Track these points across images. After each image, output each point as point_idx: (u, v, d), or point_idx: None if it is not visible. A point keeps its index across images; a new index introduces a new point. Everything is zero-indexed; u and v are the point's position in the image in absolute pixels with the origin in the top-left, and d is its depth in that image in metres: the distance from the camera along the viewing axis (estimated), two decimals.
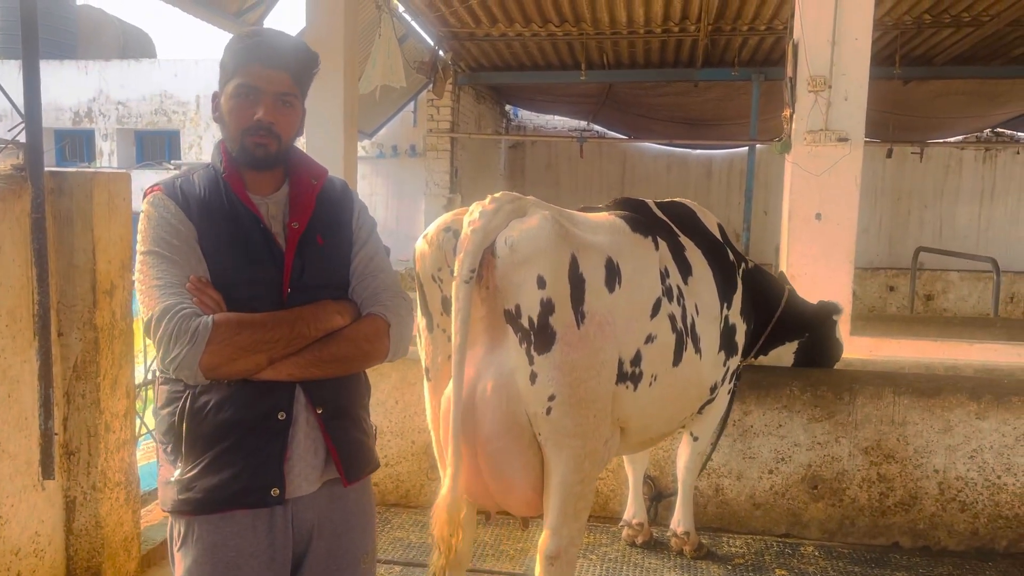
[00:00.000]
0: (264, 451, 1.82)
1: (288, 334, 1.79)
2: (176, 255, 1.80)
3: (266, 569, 1.86)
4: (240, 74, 1.84)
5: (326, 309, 1.86)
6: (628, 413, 2.78)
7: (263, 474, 1.82)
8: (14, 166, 2.94)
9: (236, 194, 1.88)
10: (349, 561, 1.99)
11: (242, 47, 1.86)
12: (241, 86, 1.84)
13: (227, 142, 1.91)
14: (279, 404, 1.83)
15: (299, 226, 1.91)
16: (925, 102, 11.06)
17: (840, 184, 5.07)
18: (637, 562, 3.96)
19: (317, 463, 1.90)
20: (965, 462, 4.12)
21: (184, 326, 1.70)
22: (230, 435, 1.80)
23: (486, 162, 13.24)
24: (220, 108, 1.90)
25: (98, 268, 3.16)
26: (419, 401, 4.40)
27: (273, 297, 1.84)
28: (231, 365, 1.75)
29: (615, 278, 2.63)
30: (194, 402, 1.81)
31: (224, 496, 1.80)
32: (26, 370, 2.91)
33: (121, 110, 15.34)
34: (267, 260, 1.86)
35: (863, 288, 11.65)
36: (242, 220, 1.87)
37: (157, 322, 1.72)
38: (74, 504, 3.21)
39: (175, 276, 1.77)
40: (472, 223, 2.48)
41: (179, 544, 1.87)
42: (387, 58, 7.30)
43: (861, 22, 5.05)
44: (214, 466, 1.80)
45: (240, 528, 1.83)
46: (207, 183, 1.89)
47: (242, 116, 1.85)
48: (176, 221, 1.83)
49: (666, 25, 9.08)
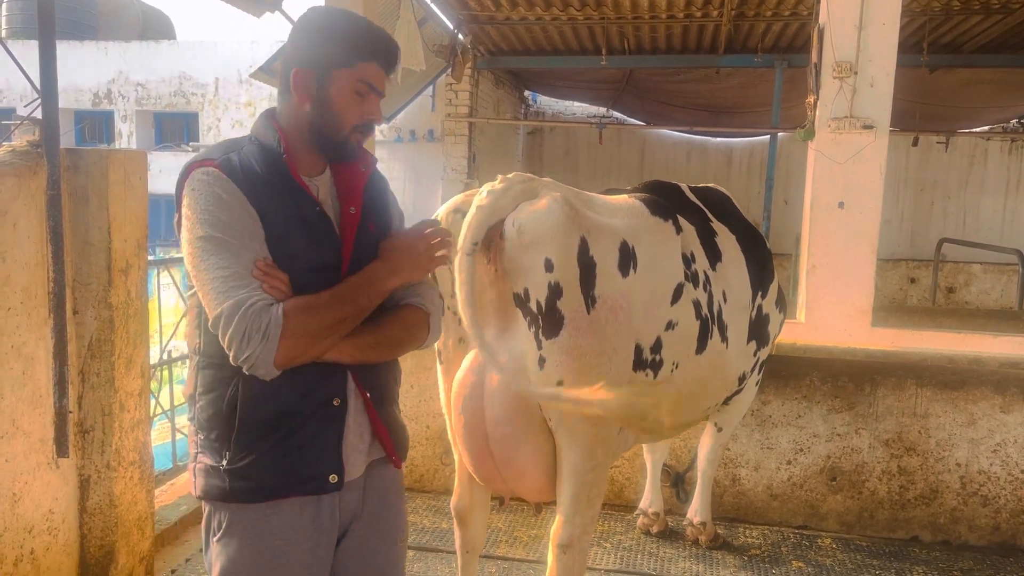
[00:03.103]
0: (323, 437, 1.80)
1: (354, 311, 1.75)
2: (237, 239, 1.69)
3: (310, 555, 1.84)
4: (361, 69, 1.80)
5: (378, 275, 1.82)
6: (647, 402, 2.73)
7: (323, 461, 1.81)
8: (30, 142, 2.93)
9: (293, 175, 1.81)
10: (386, 542, 2.00)
11: (368, 42, 1.82)
12: (363, 83, 1.81)
13: (320, 128, 1.82)
14: (334, 390, 1.82)
15: (356, 211, 1.87)
16: (951, 91, 10.87)
17: (864, 172, 4.97)
18: (652, 551, 3.93)
19: (363, 447, 1.90)
20: (988, 456, 4.05)
21: (256, 324, 1.62)
22: (287, 423, 1.77)
23: (504, 148, 13.16)
24: (321, 90, 1.80)
25: (113, 246, 3.14)
26: (434, 386, 4.35)
27: (332, 282, 1.79)
28: (305, 354, 1.70)
29: (630, 262, 2.57)
30: (247, 389, 1.75)
31: (283, 484, 1.78)
32: (41, 348, 2.91)
33: (140, 91, 15.37)
34: (327, 244, 1.82)
35: (884, 280, 11.51)
36: (300, 203, 1.80)
37: (227, 320, 1.63)
38: (88, 482, 3.21)
39: (239, 264, 1.67)
40: (480, 202, 2.44)
41: (219, 533, 1.81)
42: (407, 41, 7.24)
43: (889, 7, 4.93)
44: (272, 454, 1.77)
45: (288, 516, 1.80)
46: (264, 160, 1.79)
47: (358, 112, 1.82)
48: (237, 202, 1.72)
49: (688, 10, 8.96)
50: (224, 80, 14.96)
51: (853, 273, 4.74)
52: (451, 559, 3.60)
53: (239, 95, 14.95)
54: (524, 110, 14.17)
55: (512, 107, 13.40)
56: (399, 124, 12.57)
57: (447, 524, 4.03)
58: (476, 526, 2.96)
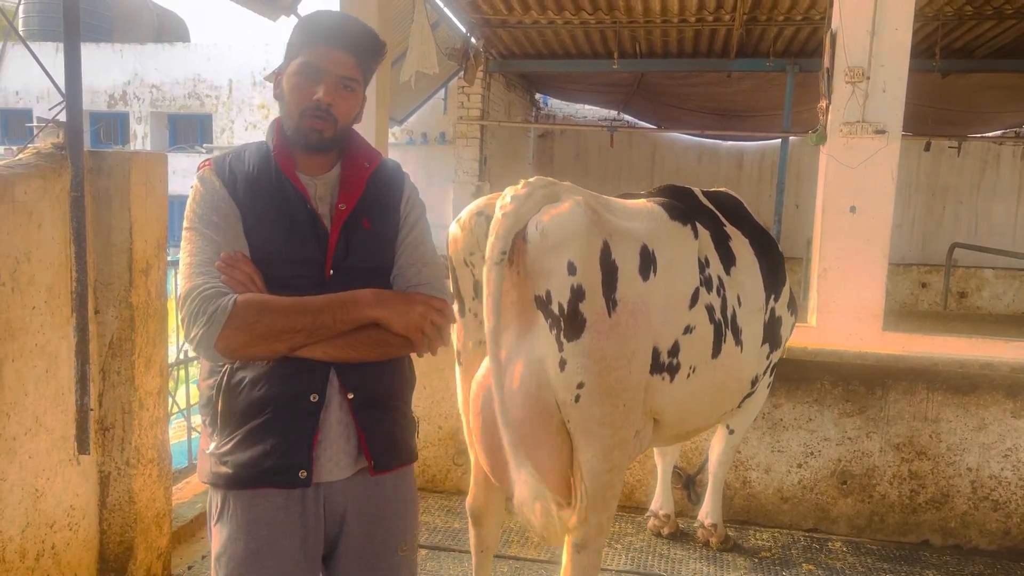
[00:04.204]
0: (295, 432, 1.81)
1: (310, 324, 1.74)
2: (214, 232, 1.79)
3: (299, 550, 1.87)
4: (305, 53, 1.83)
5: (358, 301, 1.79)
6: (663, 404, 2.75)
7: (292, 455, 1.81)
8: (54, 144, 2.98)
9: (284, 173, 1.87)
10: (386, 548, 1.98)
11: (310, 26, 1.85)
12: (304, 64, 1.82)
13: (284, 120, 1.90)
14: (313, 386, 1.81)
15: (346, 208, 1.88)
16: (964, 96, 10.85)
17: (876, 177, 4.98)
18: (663, 552, 3.95)
19: (350, 449, 1.88)
20: (999, 461, 4.06)
21: (203, 307, 1.69)
22: (263, 412, 1.80)
23: (515, 150, 13.20)
24: (281, 86, 1.88)
25: (134, 247, 3.19)
26: (447, 387, 4.41)
27: (315, 277, 1.83)
28: (248, 349, 1.73)
29: (650, 266, 2.60)
30: (231, 377, 1.81)
31: (254, 473, 1.81)
32: (63, 346, 2.95)
33: (155, 93, 15.49)
34: (311, 240, 1.84)
35: (895, 284, 11.47)
36: (289, 199, 1.86)
37: (181, 302, 1.73)
38: (108, 479, 3.26)
39: (208, 254, 1.77)
40: (504, 207, 2.46)
41: (216, 518, 1.89)
42: (420, 44, 7.29)
43: (902, 13, 4.95)
44: (246, 442, 1.81)
45: (273, 507, 1.84)
46: (257, 160, 1.89)
47: (302, 95, 1.82)
48: (218, 198, 1.83)
49: (700, 14, 8.98)
50: (238, 82, 15.06)
51: (864, 277, 4.75)
52: (463, 558, 3.63)
53: (253, 97, 15.06)
54: (535, 113, 14.20)
55: (523, 110, 13.44)
56: (411, 127, 12.62)
57: (459, 524, 4.06)
58: (491, 526, 2.99)
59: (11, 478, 2.77)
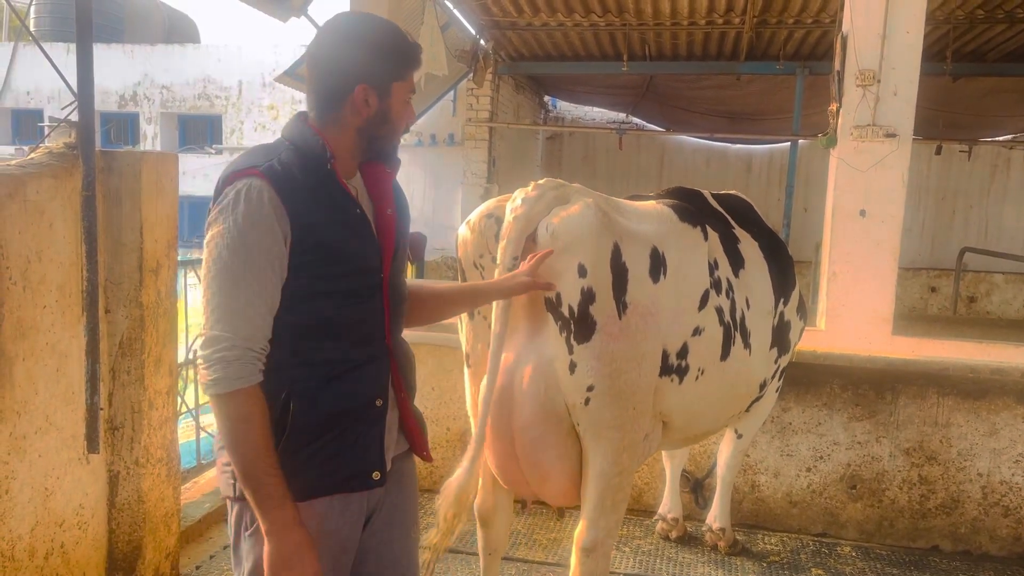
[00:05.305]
0: (367, 438, 1.89)
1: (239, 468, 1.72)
2: (251, 271, 1.70)
3: (340, 548, 1.89)
4: (408, 78, 1.92)
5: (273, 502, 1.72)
6: (672, 407, 2.74)
7: (368, 460, 1.89)
8: (66, 144, 2.99)
9: (339, 181, 1.85)
10: (403, 531, 2.07)
11: (412, 53, 1.92)
12: (411, 92, 1.94)
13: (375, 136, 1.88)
14: (379, 392, 1.90)
15: (392, 212, 1.95)
16: (974, 99, 10.79)
17: (887, 180, 4.96)
18: (671, 556, 3.94)
19: (391, 442, 1.98)
20: (1010, 466, 4.03)
21: (216, 364, 1.69)
22: (335, 425, 1.83)
23: (523, 152, 13.19)
24: (383, 103, 1.87)
25: (145, 247, 3.20)
26: (454, 388, 4.41)
27: (375, 285, 1.89)
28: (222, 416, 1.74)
29: (660, 268, 2.59)
30: (299, 394, 1.80)
31: (329, 484, 1.84)
32: (74, 345, 2.96)
33: (165, 94, 15.56)
34: (370, 246, 1.89)
35: (904, 288, 11.43)
36: (347, 206, 1.85)
37: (202, 346, 1.71)
38: (117, 478, 3.27)
39: (239, 303, 1.70)
40: (515, 210, 2.46)
41: (252, 527, 1.82)
42: (430, 46, 7.30)
43: (913, 16, 4.93)
44: (319, 456, 1.82)
45: (317, 510, 1.84)
46: (307, 167, 1.80)
47: (408, 118, 1.94)
48: (264, 224, 1.71)
49: (710, 17, 8.96)
50: (247, 83, 15.12)
51: (874, 281, 4.73)
52: (471, 560, 3.62)
53: (262, 98, 15.10)
54: (544, 115, 14.19)
55: (532, 112, 13.43)
56: (420, 128, 12.62)
57: (467, 526, 4.05)
58: (499, 528, 2.99)
59: (21, 476, 2.78)
